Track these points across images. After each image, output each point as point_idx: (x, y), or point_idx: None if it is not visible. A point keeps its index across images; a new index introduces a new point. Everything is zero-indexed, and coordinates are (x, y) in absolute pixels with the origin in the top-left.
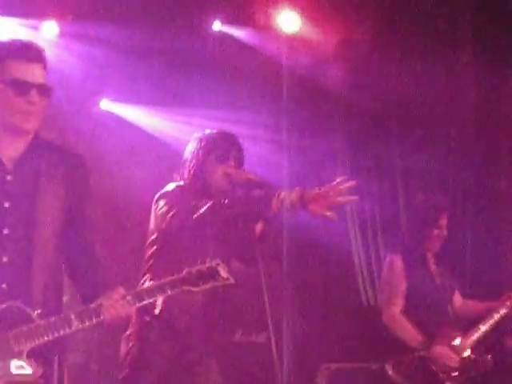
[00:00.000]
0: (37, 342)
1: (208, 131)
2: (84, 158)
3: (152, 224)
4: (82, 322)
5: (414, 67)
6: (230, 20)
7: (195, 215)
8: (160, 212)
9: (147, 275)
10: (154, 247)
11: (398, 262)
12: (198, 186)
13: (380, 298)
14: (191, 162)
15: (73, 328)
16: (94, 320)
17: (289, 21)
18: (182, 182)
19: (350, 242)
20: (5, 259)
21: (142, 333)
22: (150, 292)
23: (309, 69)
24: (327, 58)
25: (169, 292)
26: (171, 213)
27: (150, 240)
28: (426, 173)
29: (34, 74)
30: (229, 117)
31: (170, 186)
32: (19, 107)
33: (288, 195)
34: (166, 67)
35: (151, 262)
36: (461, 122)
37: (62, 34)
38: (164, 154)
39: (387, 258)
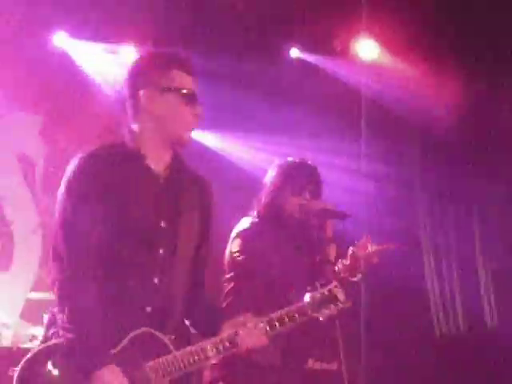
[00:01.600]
0: (175, 374)
1: (289, 159)
2: (211, 185)
3: (228, 260)
4: (218, 352)
5: (491, 95)
6: (307, 47)
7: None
8: (236, 254)
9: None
10: (232, 284)
11: None
12: (273, 214)
13: None
14: (269, 188)
15: (209, 359)
16: (230, 350)
17: (367, 48)
18: (256, 218)
19: (424, 272)
20: (156, 280)
21: (227, 365)
22: (281, 320)
23: (387, 96)
24: (406, 86)
25: (297, 320)
26: (243, 256)
27: (227, 276)
28: (504, 201)
29: (195, 87)
30: (307, 144)
31: (245, 223)
32: (185, 117)
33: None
34: (244, 93)
35: (230, 298)
36: None
37: None
38: (241, 179)
39: None
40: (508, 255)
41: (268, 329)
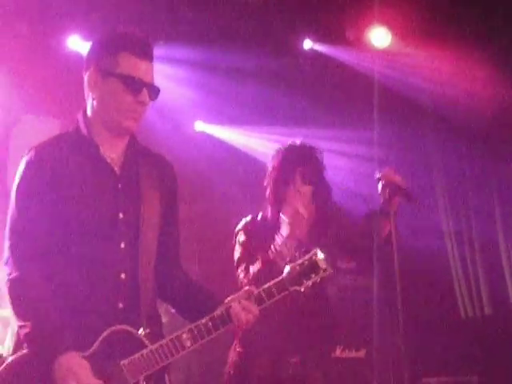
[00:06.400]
0: (151, 370)
1: (289, 143)
2: (173, 167)
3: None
4: (195, 341)
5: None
6: (320, 38)
7: None
8: (238, 252)
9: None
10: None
11: None
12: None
13: None
14: (268, 177)
15: (186, 349)
16: (222, 328)
17: (379, 36)
18: (259, 216)
19: (448, 257)
20: (123, 276)
21: (246, 342)
22: (269, 293)
23: (400, 83)
24: (418, 72)
25: (276, 295)
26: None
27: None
28: None
29: (146, 72)
30: (322, 133)
31: (247, 220)
32: (128, 105)
33: None
34: (257, 86)
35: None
36: None
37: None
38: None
39: None
40: None
41: (255, 303)
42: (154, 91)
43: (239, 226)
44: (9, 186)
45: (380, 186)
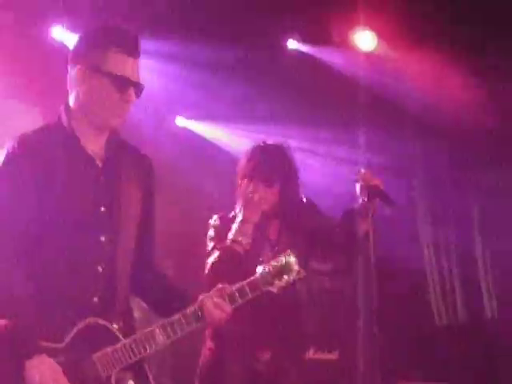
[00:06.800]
0: (124, 364)
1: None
2: (152, 162)
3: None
4: (168, 336)
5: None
6: (305, 38)
7: None
8: (208, 246)
9: None
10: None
11: None
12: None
13: None
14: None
15: (159, 344)
16: (194, 325)
17: (365, 39)
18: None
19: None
20: (100, 269)
21: (217, 339)
22: (242, 292)
23: (385, 87)
24: (403, 76)
25: (249, 295)
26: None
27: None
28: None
29: (133, 70)
30: (305, 135)
31: (217, 215)
32: (113, 103)
33: None
34: (241, 84)
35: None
36: None
37: None
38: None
39: None
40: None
41: (228, 301)
42: (140, 89)
43: (210, 222)
44: None
45: (358, 187)
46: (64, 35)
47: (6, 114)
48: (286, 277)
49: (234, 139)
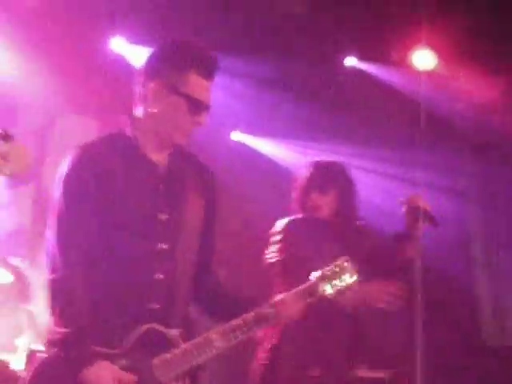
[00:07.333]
0: (182, 369)
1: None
2: (216, 175)
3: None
4: (226, 341)
5: None
6: (364, 56)
7: None
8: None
9: None
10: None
11: None
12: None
13: None
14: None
15: (217, 349)
16: (255, 329)
17: (424, 58)
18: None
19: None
20: (161, 276)
21: (271, 350)
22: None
23: (443, 107)
24: (463, 96)
25: (307, 299)
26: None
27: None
28: None
29: (208, 94)
30: (362, 153)
31: (284, 221)
32: (184, 124)
33: None
34: (298, 101)
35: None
36: None
37: None
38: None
39: None
40: None
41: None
42: (209, 113)
43: (277, 228)
44: (44, 184)
45: (404, 209)
46: (123, 47)
47: (67, 128)
48: (342, 280)
49: (290, 155)
